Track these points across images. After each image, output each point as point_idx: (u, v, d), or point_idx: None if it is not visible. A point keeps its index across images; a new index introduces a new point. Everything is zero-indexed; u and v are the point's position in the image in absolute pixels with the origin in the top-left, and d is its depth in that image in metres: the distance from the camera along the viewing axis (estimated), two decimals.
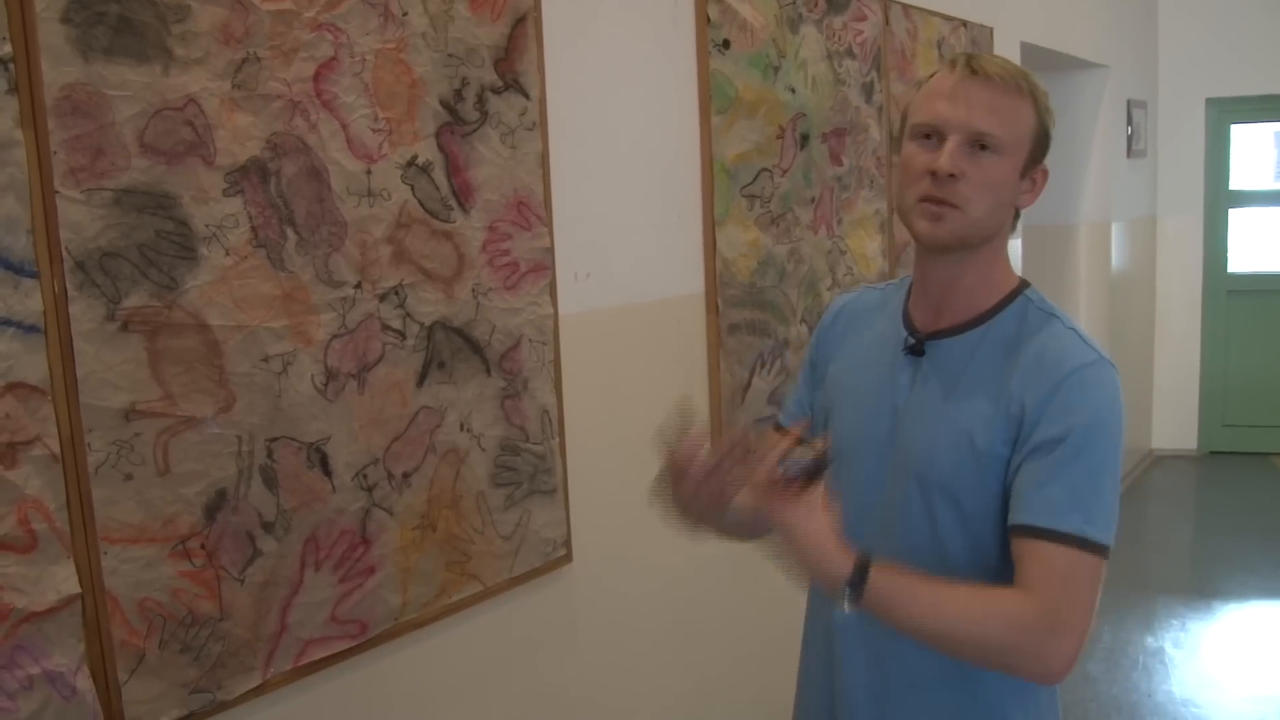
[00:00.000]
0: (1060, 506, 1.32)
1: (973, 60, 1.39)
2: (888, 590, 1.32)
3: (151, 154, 1.51)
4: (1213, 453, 6.89)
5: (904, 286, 1.58)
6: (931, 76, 1.44)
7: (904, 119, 1.47)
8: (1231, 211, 6.76)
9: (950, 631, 1.32)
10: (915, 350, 1.48)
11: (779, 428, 1.73)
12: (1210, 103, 6.64)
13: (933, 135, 1.38)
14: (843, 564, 1.32)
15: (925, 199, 1.38)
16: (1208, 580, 4.89)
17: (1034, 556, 1.32)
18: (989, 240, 1.42)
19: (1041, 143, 1.42)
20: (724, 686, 2.86)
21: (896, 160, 1.46)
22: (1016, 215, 1.47)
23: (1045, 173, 1.44)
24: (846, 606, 1.32)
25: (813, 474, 1.37)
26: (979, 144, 1.36)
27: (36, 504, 1.40)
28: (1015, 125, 1.38)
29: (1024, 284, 1.49)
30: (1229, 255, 6.78)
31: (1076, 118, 5.80)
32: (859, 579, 1.31)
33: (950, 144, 1.36)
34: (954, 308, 1.46)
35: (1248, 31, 6.44)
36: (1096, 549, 1.32)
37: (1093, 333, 1.53)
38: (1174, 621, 4.42)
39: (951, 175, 1.35)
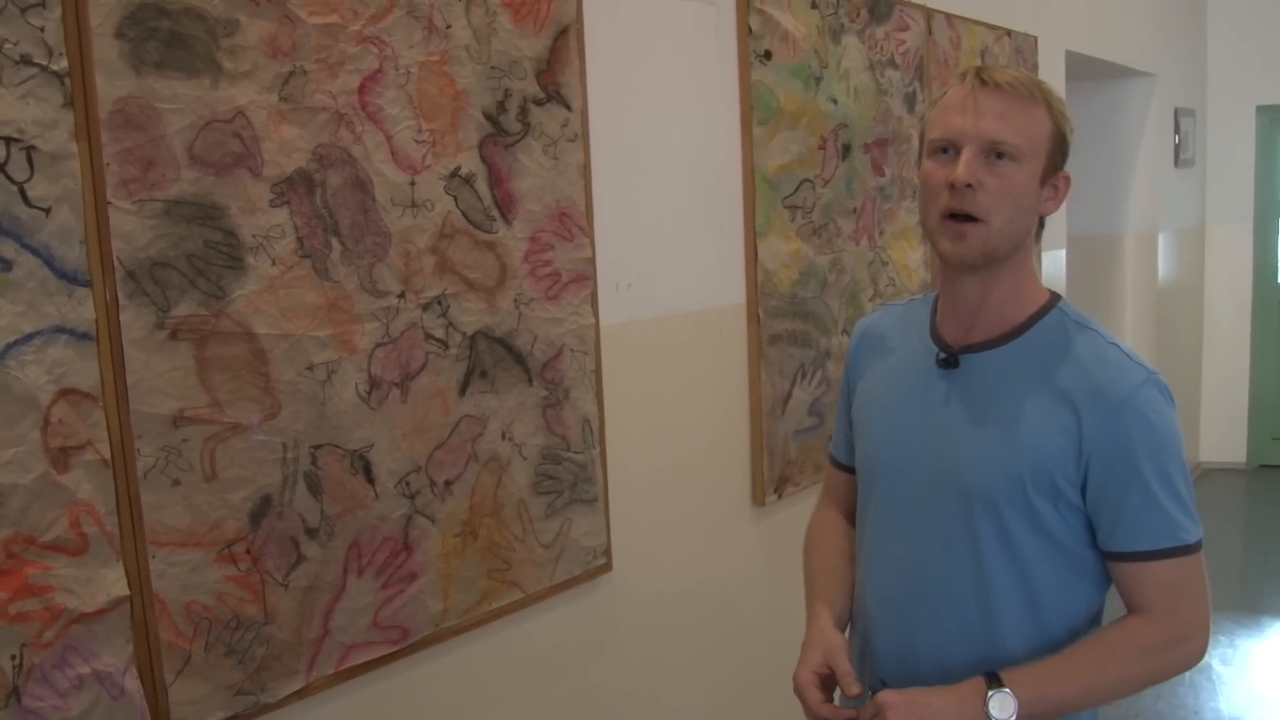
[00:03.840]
0: (1151, 527, 1.38)
1: (982, 71, 1.39)
2: (1034, 688, 1.36)
3: (201, 165, 1.54)
4: (1262, 466, 6.78)
5: (928, 302, 1.58)
6: (946, 92, 1.44)
7: (922, 137, 1.47)
8: None
9: (1099, 693, 1.40)
10: (949, 363, 1.48)
11: (833, 460, 1.76)
12: (1261, 110, 6.54)
13: (949, 149, 1.39)
14: (972, 700, 1.36)
15: (948, 215, 1.38)
16: (1257, 596, 4.81)
17: (1141, 579, 1.40)
18: (1015, 251, 1.42)
19: (1060, 148, 1.42)
20: (765, 694, 2.86)
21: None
22: (1041, 224, 1.46)
23: (1067, 179, 1.45)
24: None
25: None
26: (995, 153, 1.37)
27: (88, 508, 1.43)
28: (1030, 132, 1.38)
29: (1055, 297, 1.49)
30: None
31: (1123, 127, 5.74)
32: (998, 687, 1.35)
33: (966, 154, 1.36)
34: (986, 322, 1.46)
35: None
36: (1193, 548, 1.39)
37: (1139, 344, 1.54)
38: (1222, 638, 4.35)
39: (969, 186, 1.36)
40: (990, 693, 1.34)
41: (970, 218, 1.37)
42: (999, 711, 1.34)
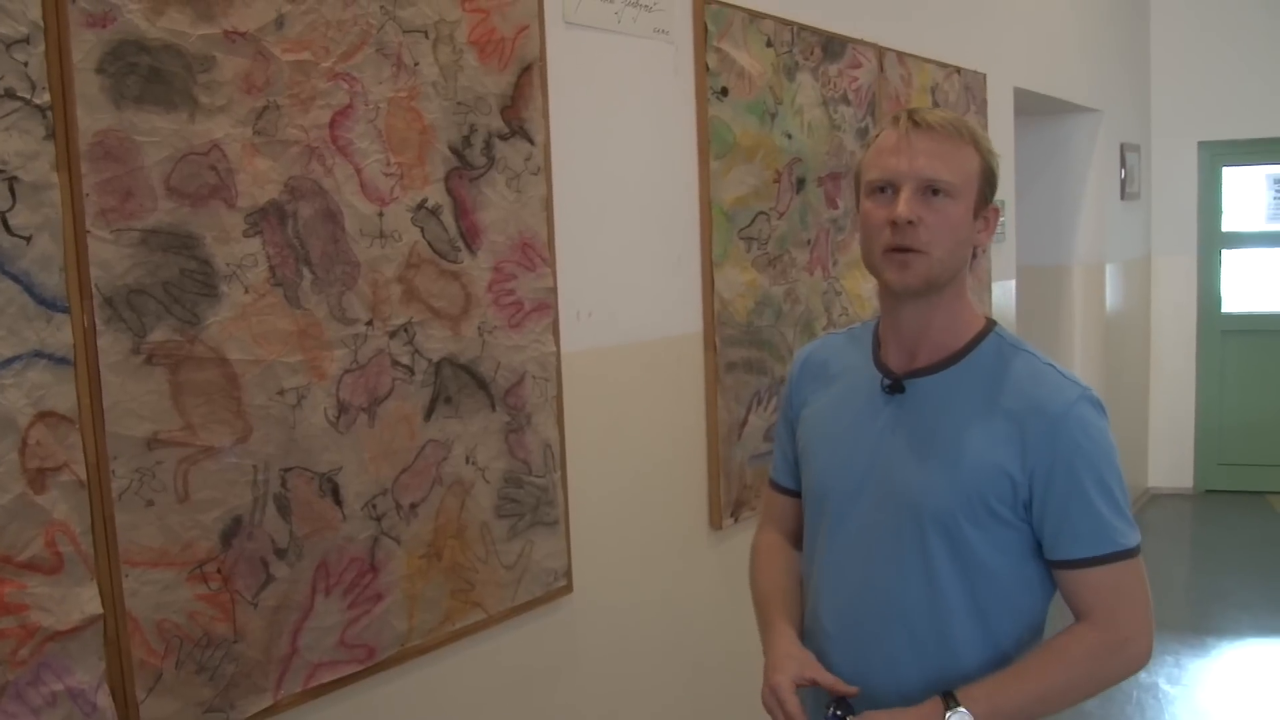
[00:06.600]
0: (1091, 534, 1.46)
1: (914, 114, 1.49)
2: (988, 703, 1.43)
3: (177, 196, 1.59)
4: (1208, 491, 6.95)
5: (869, 330, 1.65)
6: (878, 135, 1.53)
7: (858, 179, 1.56)
8: (1225, 253, 6.85)
9: (1050, 701, 1.47)
10: (895, 389, 1.55)
11: (775, 485, 1.80)
12: (1203, 146, 6.75)
13: (887, 189, 1.48)
14: (931, 718, 1.43)
15: (890, 249, 1.47)
16: (1202, 617, 4.93)
17: (1083, 584, 1.47)
18: (953, 279, 1.51)
19: (989, 183, 1.52)
20: (721, 713, 2.91)
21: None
22: (974, 254, 1.57)
23: (997, 211, 1.55)
24: None
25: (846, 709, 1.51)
26: (931, 190, 1.46)
27: (63, 527, 1.47)
28: (961, 169, 1.47)
29: (991, 322, 1.58)
30: (1223, 296, 6.87)
31: (1070, 161, 5.91)
32: (954, 706, 1.42)
33: (905, 193, 1.45)
34: (928, 348, 1.54)
35: (1238, 76, 6.57)
36: (1132, 552, 1.47)
37: (1087, 373, 1.64)
38: (1168, 658, 4.45)
39: (910, 222, 1.44)
40: (948, 713, 1.41)
41: (913, 250, 1.46)
42: None
